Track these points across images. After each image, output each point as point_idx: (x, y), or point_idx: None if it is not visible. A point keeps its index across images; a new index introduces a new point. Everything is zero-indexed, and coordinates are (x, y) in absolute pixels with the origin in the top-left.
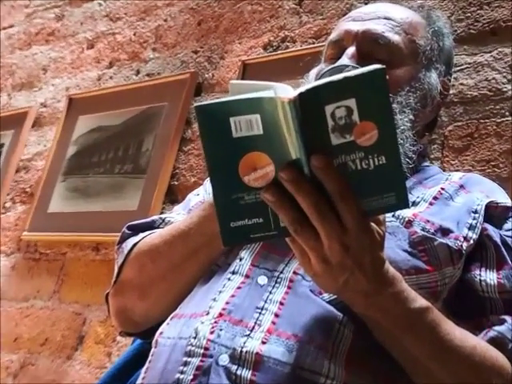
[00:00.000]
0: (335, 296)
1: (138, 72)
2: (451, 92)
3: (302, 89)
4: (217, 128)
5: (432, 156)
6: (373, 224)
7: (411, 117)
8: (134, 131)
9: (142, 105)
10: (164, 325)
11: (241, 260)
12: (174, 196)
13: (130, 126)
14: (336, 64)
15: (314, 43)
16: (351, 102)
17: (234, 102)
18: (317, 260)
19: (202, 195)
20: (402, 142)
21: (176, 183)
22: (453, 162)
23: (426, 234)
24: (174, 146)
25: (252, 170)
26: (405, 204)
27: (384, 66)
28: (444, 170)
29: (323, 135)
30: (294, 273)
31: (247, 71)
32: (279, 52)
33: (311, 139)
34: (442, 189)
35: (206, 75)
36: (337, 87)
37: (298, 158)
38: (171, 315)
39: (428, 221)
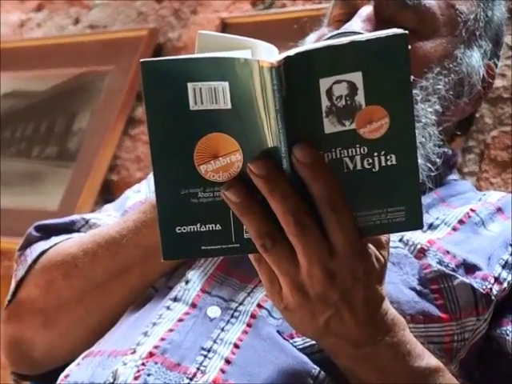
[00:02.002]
0: (311, 342)
1: (76, 21)
2: (499, 84)
3: (291, 52)
4: (168, 95)
5: (465, 169)
6: (371, 247)
7: (438, 108)
8: (64, 102)
9: (78, 67)
10: (72, 365)
11: (187, 283)
12: (110, 195)
13: (58, 95)
14: (343, 28)
15: (320, 2)
16: (356, 77)
17: (195, 62)
18: (290, 289)
19: (143, 193)
20: (423, 140)
21: (115, 178)
22: (493, 180)
23: (443, 268)
24: (116, 128)
25: (212, 157)
26: (417, 224)
27: (406, 32)
28: (479, 190)
29: (314, 119)
30: (259, 306)
31: (227, 33)
32: (272, 11)
33: (296, 123)
34: (472, 210)
35: (171, 34)
36: (338, 55)
37: (275, 146)
38: (85, 353)
39: (448, 252)
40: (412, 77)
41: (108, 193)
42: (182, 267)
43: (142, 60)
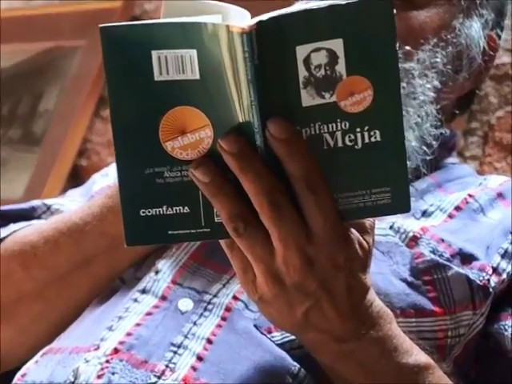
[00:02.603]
0: (291, 336)
1: None
2: (506, 60)
3: (264, 16)
4: (131, 64)
5: (467, 153)
6: (353, 231)
7: (436, 83)
8: (29, 80)
9: (44, 41)
10: (30, 363)
11: (157, 274)
12: (80, 182)
13: (23, 73)
14: None
15: None
16: (337, 45)
17: (159, 28)
18: (265, 278)
19: (111, 176)
20: (418, 120)
21: (85, 163)
22: (498, 165)
23: (437, 258)
24: (87, 108)
25: (179, 133)
26: (405, 207)
27: None
28: (482, 175)
29: (290, 90)
30: (235, 298)
31: None
32: None
33: (271, 94)
34: (470, 196)
35: (147, 6)
36: (317, 19)
37: (248, 121)
38: (44, 349)
39: (443, 240)
40: (408, 47)
41: (77, 180)
42: (151, 257)
43: (101, 25)
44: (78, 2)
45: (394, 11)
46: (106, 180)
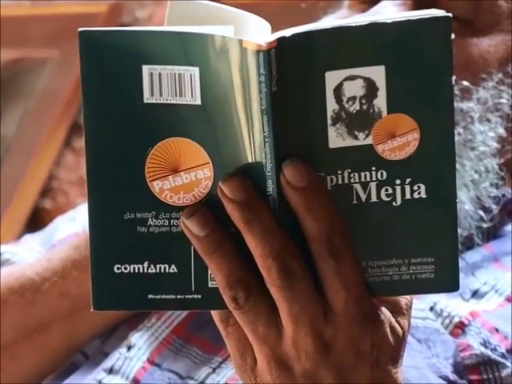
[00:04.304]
0: None
1: None
2: None
3: (287, 32)
4: (115, 81)
5: None
6: (385, 311)
7: (501, 131)
8: None
9: (6, 50)
10: None
11: (129, 349)
12: (42, 226)
13: None
14: (370, 12)
15: None
16: (377, 73)
17: (154, 37)
18: (268, 363)
19: (80, 222)
20: (476, 176)
21: (49, 205)
22: None
23: (488, 352)
24: (55, 137)
25: (170, 171)
26: (451, 284)
27: (449, 14)
28: None
29: (314, 126)
30: None
31: None
32: None
33: (289, 130)
34: None
35: (139, 13)
36: (353, 40)
37: (258, 161)
38: None
39: (497, 330)
40: (466, 83)
41: (37, 226)
42: (123, 326)
43: (80, 29)
44: (52, 3)
45: (453, 36)
46: (72, 226)
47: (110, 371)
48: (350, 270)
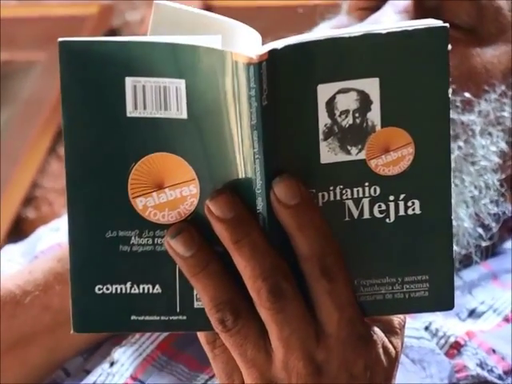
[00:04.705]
0: None
1: None
2: None
3: (278, 43)
4: (96, 93)
5: None
6: (377, 331)
7: (503, 146)
8: None
9: None
10: None
11: (112, 366)
12: (24, 237)
13: None
14: (369, 20)
15: None
16: (371, 85)
17: (138, 47)
18: None
19: (64, 232)
20: (475, 193)
21: (32, 215)
22: None
23: (484, 374)
24: (40, 143)
25: (154, 187)
26: (446, 303)
27: (446, 25)
28: None
29: (305, 141)
30: None
31: None
32: None
33: (280, 146)
34: None
35: (130, 16)
36: (346, 52)
37: (247, 178)
38: None
39: (494, 351)
40: (468, 94)
41: (20, 236)
42: (106, 343)
43: (60, 39)
44: (41, 5)
45: (449, 47)
46: (55, 236)
47: None
48: (343, 291)
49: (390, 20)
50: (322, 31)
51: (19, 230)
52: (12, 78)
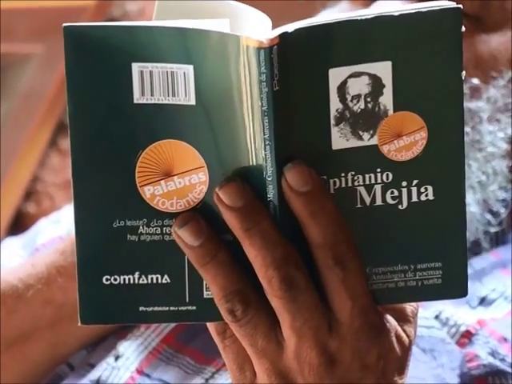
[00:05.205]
0: None
1: None
2: None
3: (289, 27)
4: (102, 79)
5: None
6: (390, 319)
7: (511, 132)
8: None
9: None
10: None
11: (117, 359)
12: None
13: None
14: (374, 6)
15: None
16: (383, 69)
17: (145, 32)
18: (269, 378)
19: (65, 224)
20: (483, 178)
21: (33, 209)
22: None
23: (496, 363)
24: (40, 137)
25: (162, 175)
26: (460, 290)
27: (460, 6)
28: None
29: (317, 127)
30: None
31: None
32: None
33: (291, 132)
34: None
35: (129, 6)
36: (358, 35)
37: (258, 165)
38: None
39: (505, 339)
40: (475, 81)
41: (20, 231)
42: (111, 337)
43: (65, 24)
44: None
45: (463, 28)
46: (56, 229)
47: (97, 382)
48: (356, 279)
49: (395, 5)
50: (332, 14)
51: (20, 225)
52: (10, 70)
